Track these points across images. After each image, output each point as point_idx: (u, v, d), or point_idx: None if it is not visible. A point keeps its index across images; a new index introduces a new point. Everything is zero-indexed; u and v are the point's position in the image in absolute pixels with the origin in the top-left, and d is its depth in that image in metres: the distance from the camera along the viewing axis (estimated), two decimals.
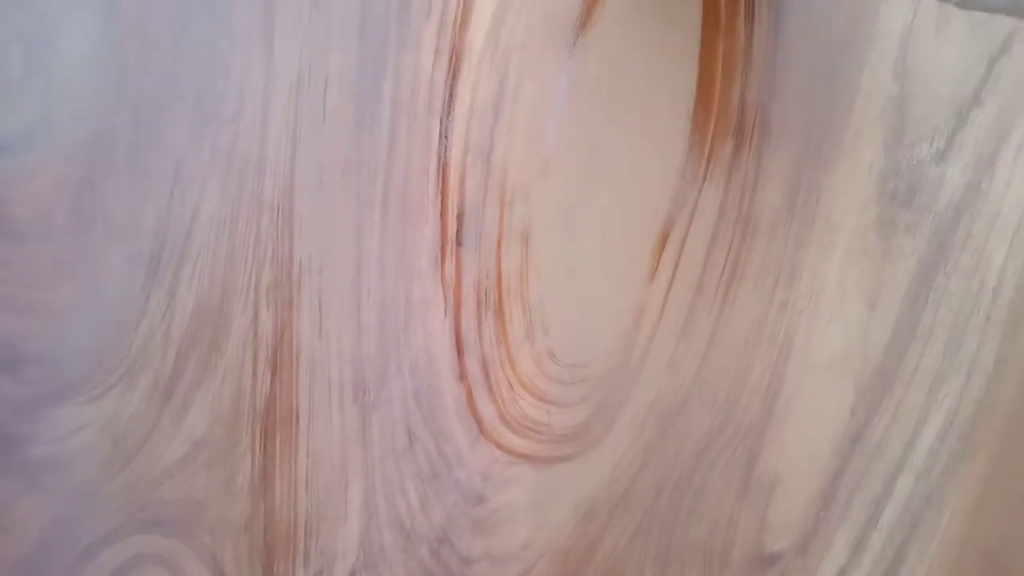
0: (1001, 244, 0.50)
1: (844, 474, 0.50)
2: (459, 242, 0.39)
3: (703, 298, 0.44)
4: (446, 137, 0.38)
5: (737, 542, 0.49)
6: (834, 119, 0.44)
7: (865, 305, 0.48)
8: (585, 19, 0.39)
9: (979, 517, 0.55)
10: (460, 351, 0.41)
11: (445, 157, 0.38)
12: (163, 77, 0.34)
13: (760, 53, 0.42)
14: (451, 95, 0.38)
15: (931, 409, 0.52)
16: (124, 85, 0.34)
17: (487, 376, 0.41)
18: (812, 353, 0.47)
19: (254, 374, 0.38)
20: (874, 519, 0.52)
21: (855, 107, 0.44)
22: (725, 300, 0.44)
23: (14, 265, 0.34)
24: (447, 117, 0.38)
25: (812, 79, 0.43)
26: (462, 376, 0.41)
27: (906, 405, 0.51)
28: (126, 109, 0.34)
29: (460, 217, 0.39)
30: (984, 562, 0.56)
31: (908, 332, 0.50)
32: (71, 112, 0.34)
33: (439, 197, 0.39)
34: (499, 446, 0.42)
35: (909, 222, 0.47)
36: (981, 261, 0.50)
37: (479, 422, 0.42)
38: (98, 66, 0.34)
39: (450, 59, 0.38)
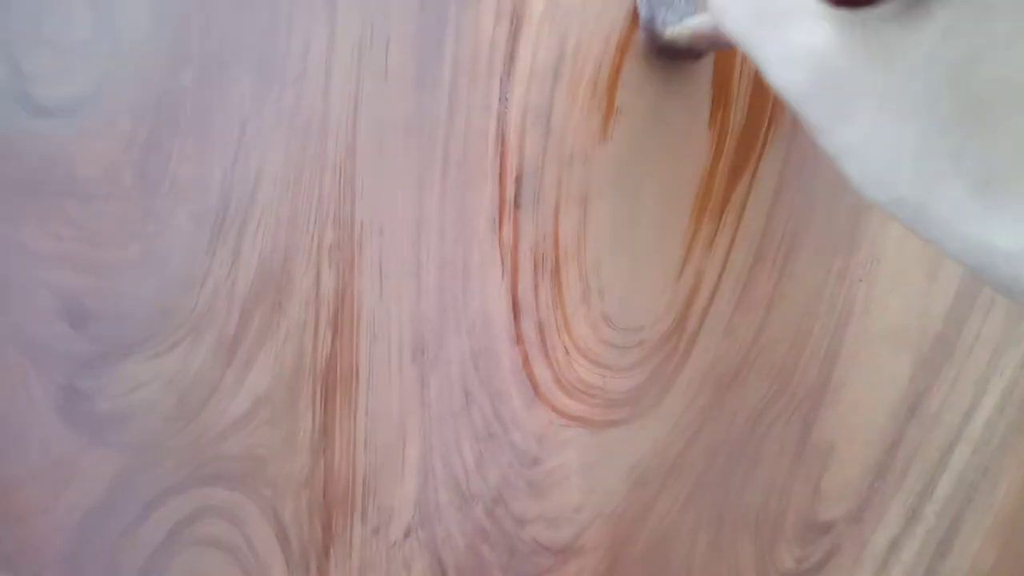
0: None
1: (900, 443, 0.50)
2: (517, 204, 0.39)
3: (762, 264, 0.44)
4: (506, 98, 0.38)
5: (791, 509, 0.48)
6: None
7: (925, 274, 0.47)
8: None
9: None
10: (516, 314, 0.41)
11: (505, 118, 0.38)
12: (227, 38, 0.34)
13: None
14: (511, 56, 0.38)
15: (990, 380, 0.51)
16: (189, 46, 0.34)
17: (543, 339, 0.41)
18: (871, 322, 0.47)
19: (316, 333, 0.38)
20: (929, 490, 0.51)
21: None
22: (784, 267, 0.44)
23: (82, 223, 0.35)
24: (507, 78, 0.38)
25: None
26: (518, 339, 0.41)
27: (965, 375, 0.50)
28: (191, 70, 0.34)
29: (518, 179, 0.39)
30: None
31: (968, 302, 0.49)
32: (137, 73, 0.34)
33: (498, 158, 0.39)
34: (554, 409, 0.42)
35: None
36: None
37: (535, 385, 0.42)
38: (163, 27, 0.34)
39: (511, 20, 0.37)
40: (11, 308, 0.35)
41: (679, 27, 0.37)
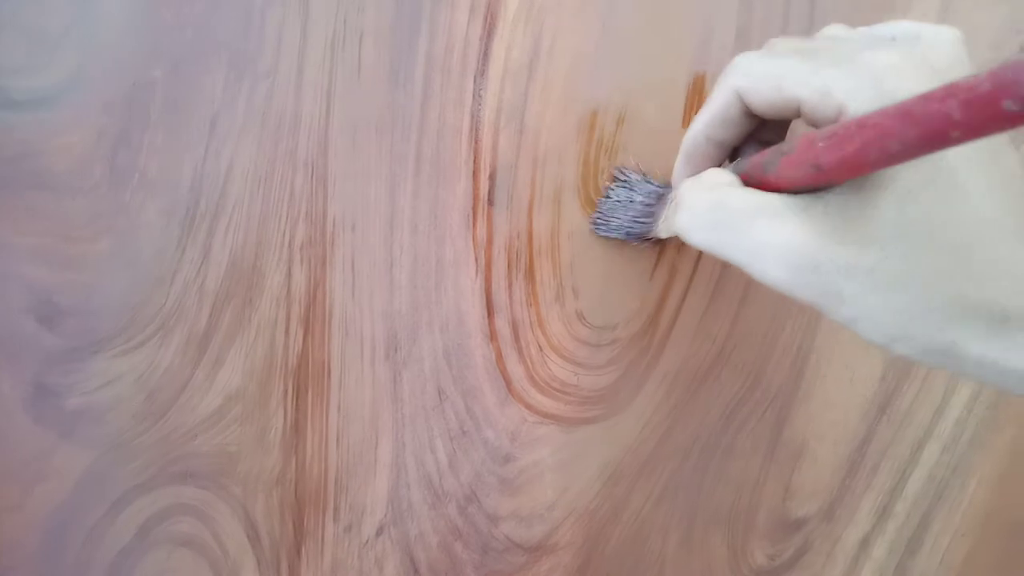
0: None
1: (871, 441, 0.50)
2: (491, 202, 0.39)
3: None
4: (480, 95, 0.38)
5: (762, 506, 0.49)
6: None
7: None
8: None
9: (1006, 487, 0.54)
10: (490, 311, 0.41)
11: (478, 116, 0.38)
12: (199, 31, 0.34)
13: None
14: (486, 53, 0.38)
15: (960, 378, 0.51)
16: (161, 39, 0.34)
17: (516, 337, 0.41)
18: None
19: (287, 330, 0.38)
20: (900, 487, 0.52)
21: None
22: None
23: (53, 217, 0.34)
24: (481, 75, 0.38)
25: None
26: (492, 336, 0.41)
27: (935, 373, 0.50)
28: (163, 63, 0.34)
29: (492, 177, 0.39)
30: (1010, 531, 0.56)
31: None
32: (108, 66, 0.34)
33: (472, 156, 0.39)
34: (527, 406, 0.42)
35: None
36: None
37: (508, 382, 0.42)
38: (135, 20, 0.33)
39: (485, 17, 0.37)
40: None
41: (665, 228, 0.36)
